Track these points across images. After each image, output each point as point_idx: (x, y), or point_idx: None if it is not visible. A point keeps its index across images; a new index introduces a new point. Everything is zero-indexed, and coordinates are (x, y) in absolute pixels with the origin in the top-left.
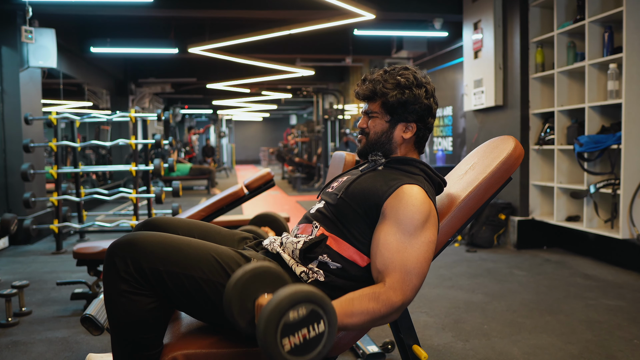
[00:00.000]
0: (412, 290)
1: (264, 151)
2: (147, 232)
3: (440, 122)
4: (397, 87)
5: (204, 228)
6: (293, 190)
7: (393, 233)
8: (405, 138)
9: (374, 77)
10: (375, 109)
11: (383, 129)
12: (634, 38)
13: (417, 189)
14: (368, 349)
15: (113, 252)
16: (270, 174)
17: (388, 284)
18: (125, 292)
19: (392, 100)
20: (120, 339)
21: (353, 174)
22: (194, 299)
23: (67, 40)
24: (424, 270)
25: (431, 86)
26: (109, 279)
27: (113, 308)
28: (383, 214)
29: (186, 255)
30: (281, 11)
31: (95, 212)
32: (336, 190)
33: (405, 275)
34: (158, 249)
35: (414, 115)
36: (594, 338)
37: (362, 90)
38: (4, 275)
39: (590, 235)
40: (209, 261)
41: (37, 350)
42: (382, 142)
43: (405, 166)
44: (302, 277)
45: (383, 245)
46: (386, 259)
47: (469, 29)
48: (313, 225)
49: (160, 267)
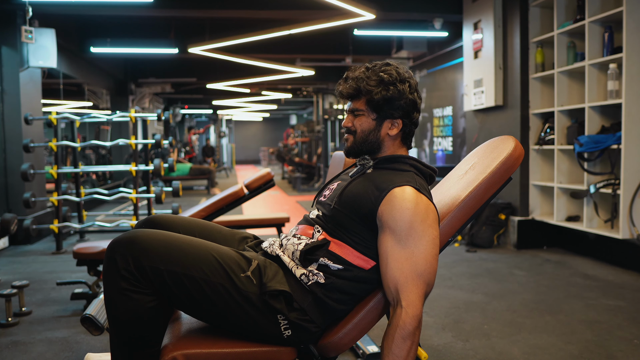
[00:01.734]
0: (428, 289)
1: (264, 151)
2: (148, 230)
3: (440, 122)
4: (381, 84)
5: (205, 227)
6: (293, 190)
7: (396, 243)
8: (392, 135)
9: (356, 74)
10: (360, 106)
11: (370, 127)
12: (634, 38)
13: (409, 190)
14: (368, 349)
15: (114, 250)
16: (270, 174)
17: (405, 305)
18: (125, 290)
19: (377, 97)
20: (119, 337)
21: (344, 180)
22: (194, 298)
23: (67, 40)
24: (434, 266)
25: (414, 81)
26: (109, 276)
27: (113, 306)
28: (380, 222)
29: (187, 254)
30: (281, 11)
31: (95, 212)
32: (329, 200)
33: (419, 280)
34: (159, 248)
35: (400, 111)
36: (594, 338)
37: (346, 88)
38: (4, 275)
39: (590, 235)
40: (210, 261)
41: (37, 350)
42: (370, 140)
43: (394, 164)
44: (302, 279)
45: (391, 257)
46: (396, 271)
47: (469, 29)
48: (315, 229)
49: (161, 266)
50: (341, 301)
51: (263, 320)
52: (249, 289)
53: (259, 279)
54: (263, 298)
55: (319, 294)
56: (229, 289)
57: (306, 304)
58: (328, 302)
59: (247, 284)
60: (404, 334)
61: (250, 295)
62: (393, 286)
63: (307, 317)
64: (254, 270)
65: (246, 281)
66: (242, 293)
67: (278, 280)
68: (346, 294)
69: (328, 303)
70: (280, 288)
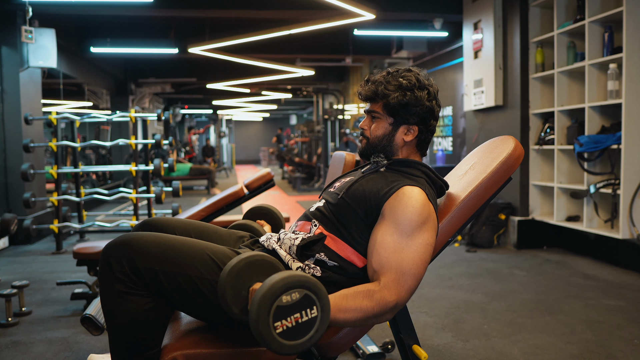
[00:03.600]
0: (407, 291)
1: (264, 151)
2: (142, 232)
3: (440, 122)
4: (399, 89)
5: (201, 228)
6: (293, 190)
7: (390, 233)
8: (407, 141)
9: (376, 78)
10: (377, 109)
11: (385, 132)
12: (634, 38)
13: (418, 191)
14: (368, 349)
15: (108, 253)
16: (270, 174)
17: (383, 283)
18: (121, 292)
19: (394, 102)
20: (118, 340)
21: (355, 175)
22: (190, 297)
23: (67, 40)
24: (420, 272)
25: (434, 88)
26: (104, 280)
27: (110, 309)
28: (382, 215)
29: (181, 254)
30: (281, 11)
31: (95, 212)
32: (337, 190)
33: (401, 276)
34: (153, 249)
35: (416, 118)
36: (594, 338)
37: (365, 91)
38: (4, 275)
39: (590, 235)
40: (204, 260)
41: (37, 350)
42: (384, 144)
43: (407, 168)
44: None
45: (380, 244)
46: (382, 258)
47: (469, 29)
48: (312, 224)
49: (156, 267)
50: None
51: None
52: None
53: None
54: None
55: None
56: None
57: None
58: None
59: None
60: (368, 296)
61: None
62: (377, 267)
63: None
64: None
65: None
66: None
67: None
68: (341, 289)
69: None
70: None
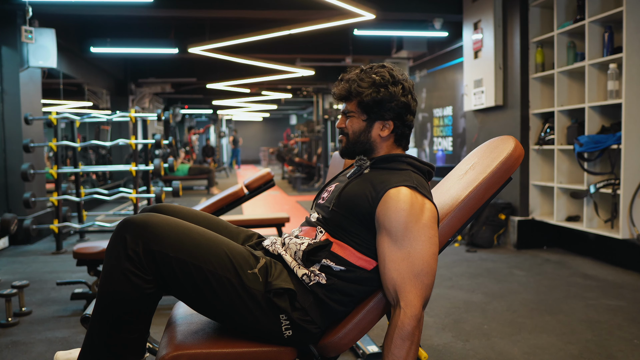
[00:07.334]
0: (426, 288)
1: (264, 151)
2: (162, 216)
3: (440, 122)
4: (372, 86)
5: (212, 220)
6: (293, 190)
7: (392, 243)
8: (383, 136)
9: (349, 76)
10: (352, 108)
11: (360, 128)
12: (634, 38)
13: (404, 191)
14: (368, 349)
15: (126, 227)
16: (270, 174)
17: (404, 303)
18: (127, 270)
19: (367, 99)
20: (103, 313)
21: (341, 181)
22: (198, 289)
23: (67, 40)
24: (433, 266)
25: (409, 83)
26: (114, 253)
27: (109, 282)
28: (378, 223)
29: (198, 245)
30: (281, 11)
31: (95, 212)
32: (327, 202)
33: (416, 280)
34: (171, 235)
35: (391, 113)
36: (594, 338)
37: (338, 90)
38: (4, 275)
39: (590, 235)
40: (220, 256)
41: (37, 350)
42: (361, 141)
43: (391, 163)
44: (304, 279)
45: (388, 259)
46: (394, 273)
47: (469, 29)
48: (317, 230)
49: (171, 253)
50: (342, 302)
51: (265, 319)
52: (254, 286)
53: (265, 277)
54: (267, 297)
55: (320, 294)
56: (235, 284)
57: (307, 304)
58: (329, 303)
59: (254, 281)
60: (402, 334)
61: (255, 293)
62: (392, 287)
63: (309, 317)
64: (261, 268)
65: (253, 278)
66: (248, 290)
67: (283, 279)
68: (347, 295)
69: (329, 304)
70: (286, 286)
